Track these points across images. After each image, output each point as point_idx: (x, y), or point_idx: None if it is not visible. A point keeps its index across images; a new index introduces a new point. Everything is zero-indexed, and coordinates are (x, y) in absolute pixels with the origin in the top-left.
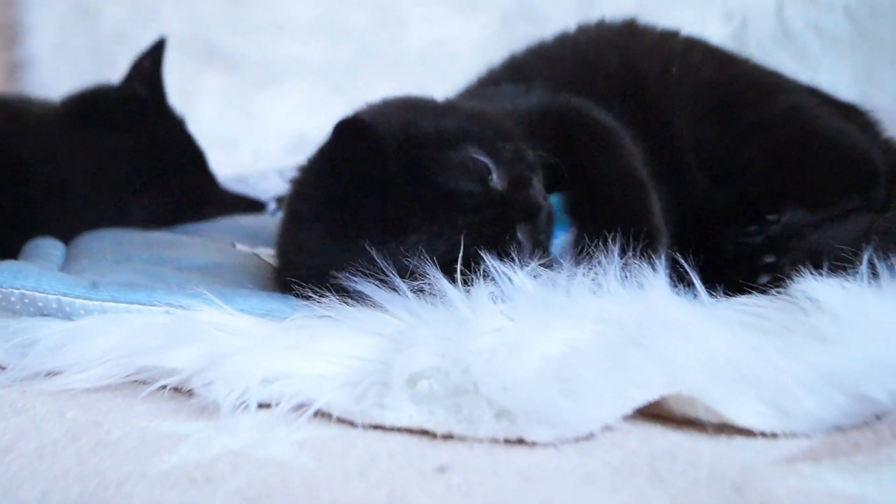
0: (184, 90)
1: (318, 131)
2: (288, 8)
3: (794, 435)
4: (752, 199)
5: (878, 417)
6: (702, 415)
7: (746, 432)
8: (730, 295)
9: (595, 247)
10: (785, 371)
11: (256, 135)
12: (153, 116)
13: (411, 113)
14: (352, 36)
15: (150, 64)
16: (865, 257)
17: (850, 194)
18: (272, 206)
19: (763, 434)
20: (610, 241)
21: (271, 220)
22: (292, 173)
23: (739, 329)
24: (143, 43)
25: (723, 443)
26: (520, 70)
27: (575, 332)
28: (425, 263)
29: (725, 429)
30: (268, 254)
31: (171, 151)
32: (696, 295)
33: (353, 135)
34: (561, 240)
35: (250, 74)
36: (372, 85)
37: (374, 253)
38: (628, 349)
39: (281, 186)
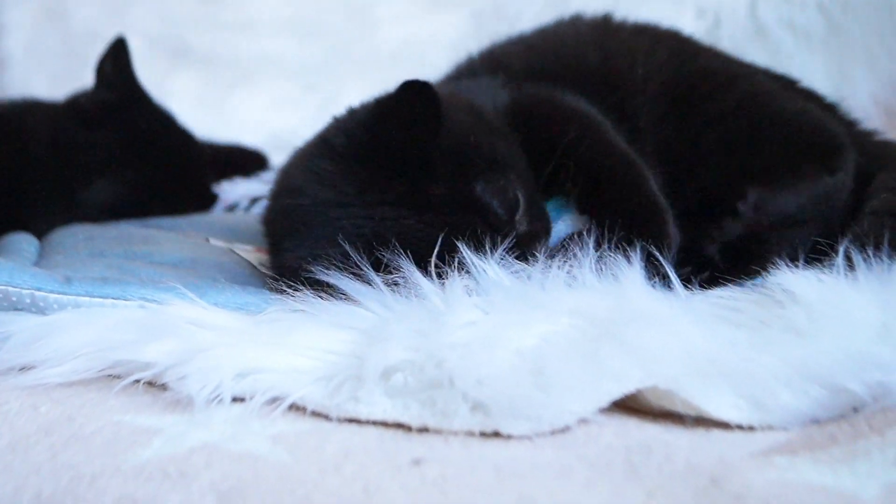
0: (155, 89)
1: (290, 129)
2: (260, 6)
3: (770, 428)
4: (714, 195)
5: (855, 410)
6: (679, 408)
7: (723, 425)
8: (705, 288)
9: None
10: (761, 364)
11: (229, 134)
12: (127, 115)
13: (472, 121)
14: (324, 35)
15: (111, 66)
16: (842, 249)
17: (809, 164)
18: (244, 203)
19: (740, 427)
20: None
21: (246, 217)
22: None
23: (715, 322)
24: None
25: (699, 436)
26: (498, 62)
27: (550, 326)
28: (399, 256)
29: (702, 422)
30: (244, 249)
31: (148, 145)
32: (671, 288)
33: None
34: (559, 228)
35: (222, 73)
36: (344, 83)
37: (347, 246)
38: (604, 342)
39: (253, 187)
